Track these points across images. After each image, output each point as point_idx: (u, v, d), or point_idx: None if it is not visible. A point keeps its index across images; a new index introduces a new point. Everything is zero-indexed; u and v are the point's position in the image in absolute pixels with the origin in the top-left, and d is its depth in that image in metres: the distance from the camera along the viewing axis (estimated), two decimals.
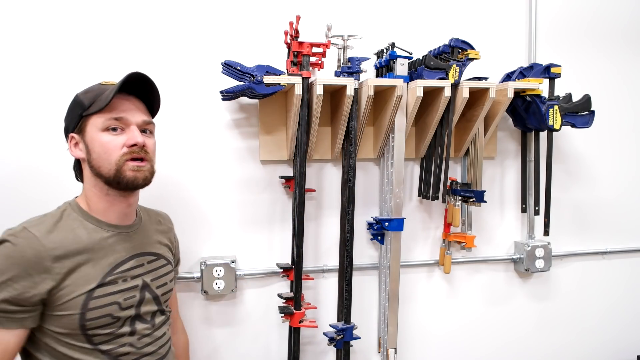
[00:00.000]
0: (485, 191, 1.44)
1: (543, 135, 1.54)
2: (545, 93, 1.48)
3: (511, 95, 1.37)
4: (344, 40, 1.32)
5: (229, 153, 1.39)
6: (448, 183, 1.47)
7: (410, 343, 1.59)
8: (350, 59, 1.29)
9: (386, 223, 1.40)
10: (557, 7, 1.63)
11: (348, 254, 1.34)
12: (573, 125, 1.48)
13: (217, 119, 1.37)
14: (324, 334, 1.35)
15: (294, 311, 1.31)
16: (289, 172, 1.43)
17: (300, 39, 1.25)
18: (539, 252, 1.59)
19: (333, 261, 1.47)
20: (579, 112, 1.48)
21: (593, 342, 1.78)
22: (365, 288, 1.53)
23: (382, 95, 1.37)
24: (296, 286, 1.32)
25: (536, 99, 1.42)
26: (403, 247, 1.49)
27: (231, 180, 1.40)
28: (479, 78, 1.42)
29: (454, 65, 1.33)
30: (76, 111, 0.93)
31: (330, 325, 1.37)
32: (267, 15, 1.38)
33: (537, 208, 1.58)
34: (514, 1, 1.59)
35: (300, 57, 1.26)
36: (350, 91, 1.25)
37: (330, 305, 1.50)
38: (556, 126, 1.46)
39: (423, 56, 1.35)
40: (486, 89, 1.35)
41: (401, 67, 1.32)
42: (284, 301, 1.35)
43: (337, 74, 1.33)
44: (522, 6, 1.60)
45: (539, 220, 1.59)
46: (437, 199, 1.45)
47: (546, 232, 1.55)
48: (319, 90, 1.24)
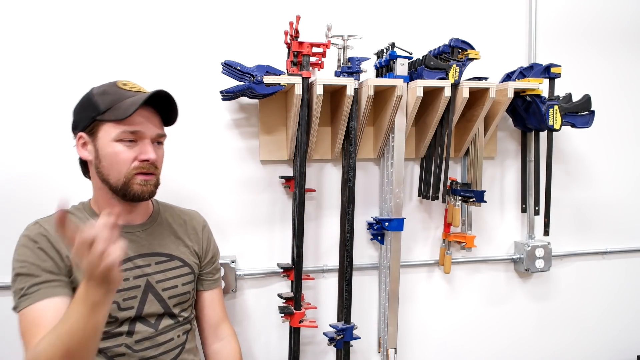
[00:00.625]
0: (485, 191, 1.44)
1: (543, 135, 1.54)
2: (545, 93, 1.48)
3: (511, 95, 1.37)
4: (344, 40, 1.32)
5: (229, 153, 1.39)
6: (448, 183, 1.47)
7: (410, 343, 1.59)
8: (350, 59, 1.29)
9: (386, 223, 1.40)
10: (557, 7, 1.63)
11: (348, 254, 1.34)
12: (573, 125, 1.48)
13: (217, 119, 1.37)
14: (324, 334, 1.35)
15: (294, 311, 1.31)
16: (289, 172, 1.43)
17: (300, 39, 1.25)
18: (539, 252, 1.59)
19: (333, 261, 1.47)
20: (579, 112, 1.48)
21: (593, 342, 1.78)
22: (365, 288, 1.53)
23: (382, 95, 1.37)
24: (296, 286, 1.32)
25: (536, 99, 1.42)
26: (403, 247, 1.49)
27: (231, 180, 1.40)
28: (479, 78, 1.42)
29: (454, 65, 1.33)
30: (89, 112, 0.92)
31: (330, 325, 1.37)
32: (267, 15, 1.38)
33: (537, 208, 1.58)
34: (514, 1, 1.59)
35: (300, 57, 1.26)
36: (350, 91, 1.25)
37: (330, 305, 1.50)
38: (556, 126, 1.46)
39: (423, 56, 1.35)
40: (486, 89, 1.35)
41: (401, 67, 1.32)
42: (284, 301, 1.35)
43: (337, 74, 1.33)
44: (522, 6, 1.60)
45: (539, 220, 1.59)
46: (437, 199, 1.45)
47: (546, 232, 1.55)
48: (319, 90, 1.24)
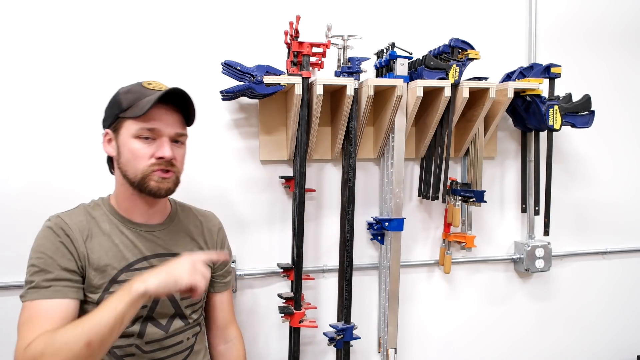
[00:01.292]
0: (485, 191, 1.44)
1: (543, 135, 1.54)
2: (545, 93, 1.48)
3: (511, 95, 1.37)
4: (344, 40, 1.32)
5: (229, 153, 1.39)
6: (448, 183, 1.47)
7: (410, 343, 1.59)
8: (350, 59, 1.30)
9: (386, 223, 1.40)
10: (557, 7, 1.63)
11: (348, 254, 1.34)
12: (573, 125, 1.48)
13: (217, 119, 1.37)
14: (324, 334, 1.35)
15: (294, 311, 1.32)
16: (289, 172, 1.43)
17: (300, 39, 1.26)
18: (539, 252, 1.59)
19: (333, 261, 1.47)
20: (579, 112, 1.48)
21: (593, 342, 1.78)
22: (365, 288, 1.53)
23: (382, 95, 1.37)
24: (296, 286, 1.32)
25: (536, 99, 1.42)
26: (403, 247, 1.49)
27: (231, 180, 1.40)
28: (479, 78, 1.42)
29: (454, 65, 1.33)
30: (114, 109, 0.95)
31: (330, 325, 1.37)
32: (267, 15, 1.38)
33: (537, 208, 1.58)
34: (514, 1, 1.59)
35: (300, 57, 1.26)
36: (350, 91, 1.25)
37: (330, 305, 1.50)
38: (556, 126, 1.46)
39: (423, 56, 1.35)
40: (486, 89, 1.35)
41: (401, 67, 1.32)
42: (284, 301, 1.35)
43: (337, 74, 1.33)
44: (522, 6, 1.60)
45: (539, 220, 1.59)
46: (437, 199, 1.45)
47: (546, 232, 1.55)
48: (319, 90, 1.24)
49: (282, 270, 1.36)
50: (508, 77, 1.50)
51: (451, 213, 1.49)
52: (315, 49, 1.27)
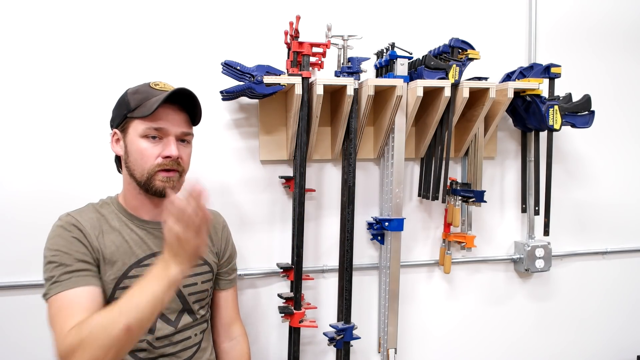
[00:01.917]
0: (485, 191, 1.44)
1: (543, 135, 1.54)
2: (545, 93, 1.48)
3: (511, 95, 1.37)
4: (344, 40, 1.32)
5: (229, 153, 1.39)
6: (448, 183, 1.47)
7: (410, 343, 1.59)
8: (350, 59, 1.30)
9: (386, 223, 1.40)
10: (557, 8, 1.63)
11: (348, 254, 1.34)
12: (573, 125, 1.48)
13: (217, 119, 1.37)
14: (324, 334, 1.35)
15: (294, 311, 1.32)
16: (289, 172, 1.43)
17: (300, 39, 1.26)
18: (539, 252, 1.59)
19: (333, 261, 1.47)
20: (579, 112, 1.48)
21: (593, 342, 1.78)
22: (365, 288, 1.53)
23: (382, 95, 1.37)
24: (296, 286, 1.32)
25: (536, 99, 1.42)
26: (403, 247, 1.49)
27: (231, 180, 1.40)
28: (479, 78, 1.42)
29: (454, 65, 1.33)
30: (122, 109, 0.96)
31: (330, 325, 1.37)
32: (267, 15, 1.38)
33: (537, 208, 1.58)
34: (514, 2, 1.59)
35: (300, 57, 1.26)
36: (350, 91, 1.25)
37: (330, 305, 1.50)
38: (556, 126, 1.46)
39: (423, 56, 1.35)
40: (486, 89, 1.35)
41: (401, 67, 1.32)
42: (284, 301, 1.35)
43: (337, 74, 1.33)
44: (522, 6, 1.60)
45: (539, 220, 1.59)
46: (437, 199, 1.45)
47: (546, 232, 1.55)
48: (319, 90, 1.24)
49: (282, 270, 1.36)
50: (508, 77, 1.50)
51: (451, 213, 1.49)
52: (315, 49, 1.27)
